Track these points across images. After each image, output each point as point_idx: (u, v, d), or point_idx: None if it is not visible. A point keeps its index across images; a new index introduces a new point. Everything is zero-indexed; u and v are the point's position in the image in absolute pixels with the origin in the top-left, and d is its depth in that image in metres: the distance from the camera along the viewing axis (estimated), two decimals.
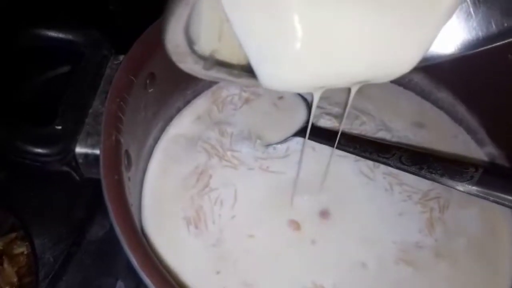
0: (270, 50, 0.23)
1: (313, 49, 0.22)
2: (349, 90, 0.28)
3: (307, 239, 0.33)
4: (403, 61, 0.24)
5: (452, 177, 0.31)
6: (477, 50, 0.27)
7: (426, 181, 0.33)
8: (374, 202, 0.35)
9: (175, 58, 0.24)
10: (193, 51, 0.24)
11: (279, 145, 0.38)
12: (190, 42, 0.23)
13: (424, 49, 0.23)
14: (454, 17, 0.24)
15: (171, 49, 0.23)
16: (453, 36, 0.27)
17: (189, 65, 0.25)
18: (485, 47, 0.26)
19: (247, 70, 0.26)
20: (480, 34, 0.27)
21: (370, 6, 0.22)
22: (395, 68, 0.24)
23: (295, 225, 0.34)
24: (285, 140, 0.38)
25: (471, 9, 0.26)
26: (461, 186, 0.31)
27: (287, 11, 0.21)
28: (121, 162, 0.27)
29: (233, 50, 0.25)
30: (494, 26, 0.26)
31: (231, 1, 0.22)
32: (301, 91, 0.26)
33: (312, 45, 0.22)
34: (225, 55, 0.26)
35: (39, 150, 0.28)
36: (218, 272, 0.32)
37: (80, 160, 0.29)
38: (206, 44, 0.25)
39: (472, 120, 0.39)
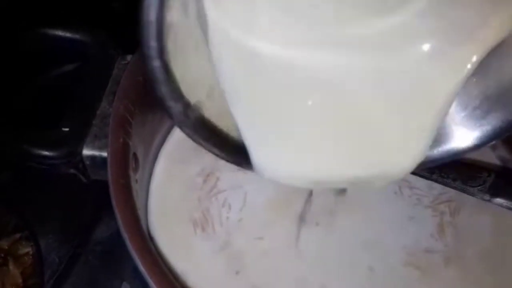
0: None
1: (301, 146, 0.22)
2: None
3: (315, 241, 0.33)
4: (398, 166, 0.22)
5: (465, 182, 0.31)
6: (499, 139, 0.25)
7: (437, 184, 0.32)
8: (383, 205, 0.35)
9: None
10: (172, 85, 0.20)
11: None
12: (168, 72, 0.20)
13: (421, 154, 0.22)
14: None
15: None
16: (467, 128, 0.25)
17: (161, 93, 0.21)
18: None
19: (237, 146, 0.23)
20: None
21: (359, 114, 0.21)
22: (390, 172, 0.23)
23: (303, 225, 0.33)
24: None
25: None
26: (473, 192, 0.30)
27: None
28: (129, 166, 0.27)
29: (222, 110, 0.22)
30: None
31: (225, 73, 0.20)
32: (293, 185, 0.24)
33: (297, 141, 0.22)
34: (212, 115, 0.22)
35: (46, 153, 0.28)
36: (237, 272, 0.31)
37: (87, 163, 0.29)
38: (191, 92, 0.21)
39: None
